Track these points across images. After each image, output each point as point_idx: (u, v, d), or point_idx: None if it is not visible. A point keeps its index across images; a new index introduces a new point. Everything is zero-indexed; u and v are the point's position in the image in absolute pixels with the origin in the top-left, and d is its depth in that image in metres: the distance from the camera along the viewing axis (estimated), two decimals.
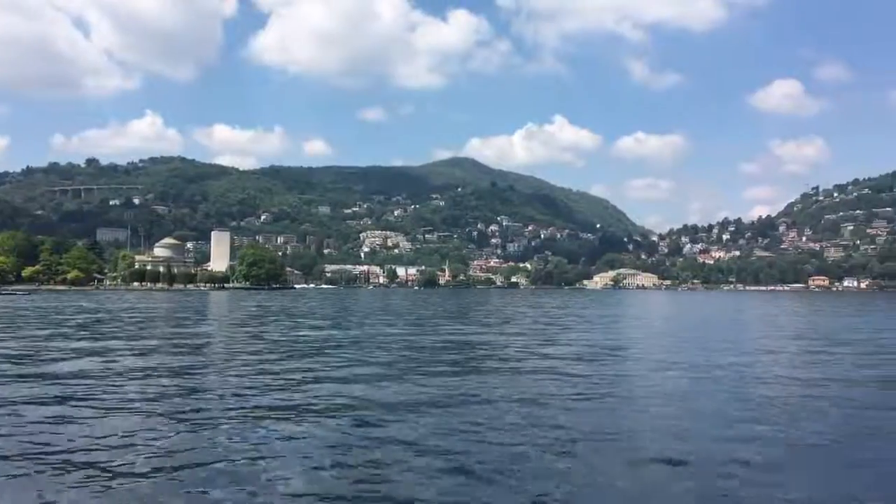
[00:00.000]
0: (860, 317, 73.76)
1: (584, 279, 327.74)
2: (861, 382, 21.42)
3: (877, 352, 32.68)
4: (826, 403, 17.46)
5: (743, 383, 21.31)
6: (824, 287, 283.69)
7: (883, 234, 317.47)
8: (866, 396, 18.72)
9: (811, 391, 19.56)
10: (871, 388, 20.71)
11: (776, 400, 18.30)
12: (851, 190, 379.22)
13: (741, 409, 16.56)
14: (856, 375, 23.01)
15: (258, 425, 13.48)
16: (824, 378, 22.59)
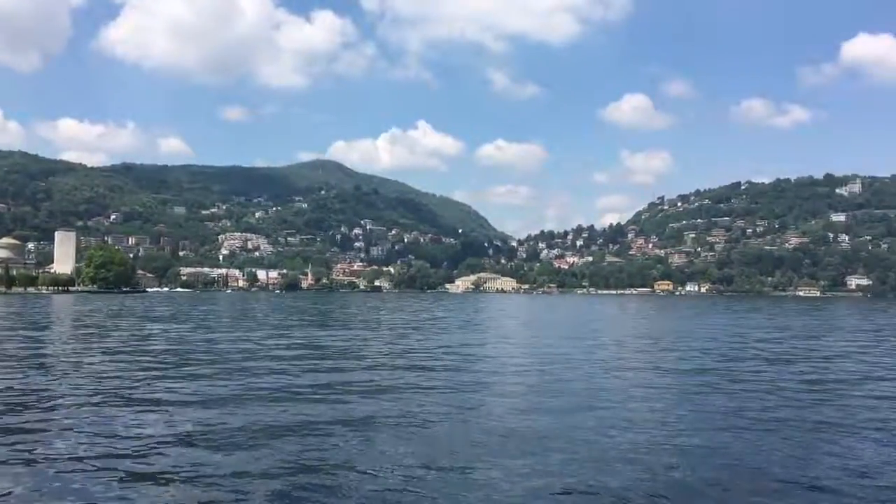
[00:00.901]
0: (696, 318, 79.60)
1: (447, 283, 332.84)
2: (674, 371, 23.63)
3: (693, 348, 35.95)
4: (654, 391, 19.36)
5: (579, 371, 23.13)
6: (668, 291, 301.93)
7: (721, 242, 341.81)
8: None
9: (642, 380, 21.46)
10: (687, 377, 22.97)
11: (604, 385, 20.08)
12: (694, 200, 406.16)
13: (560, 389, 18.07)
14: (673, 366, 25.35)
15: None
16: (654, 369, 24.88)
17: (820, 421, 16.50)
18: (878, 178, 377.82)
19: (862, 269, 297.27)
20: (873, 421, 16.47)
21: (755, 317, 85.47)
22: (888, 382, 24.13)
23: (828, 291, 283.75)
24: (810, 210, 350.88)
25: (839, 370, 28.47)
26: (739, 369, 27.54)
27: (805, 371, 27.93)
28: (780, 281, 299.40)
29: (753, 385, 22.48)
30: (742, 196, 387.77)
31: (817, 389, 22.16)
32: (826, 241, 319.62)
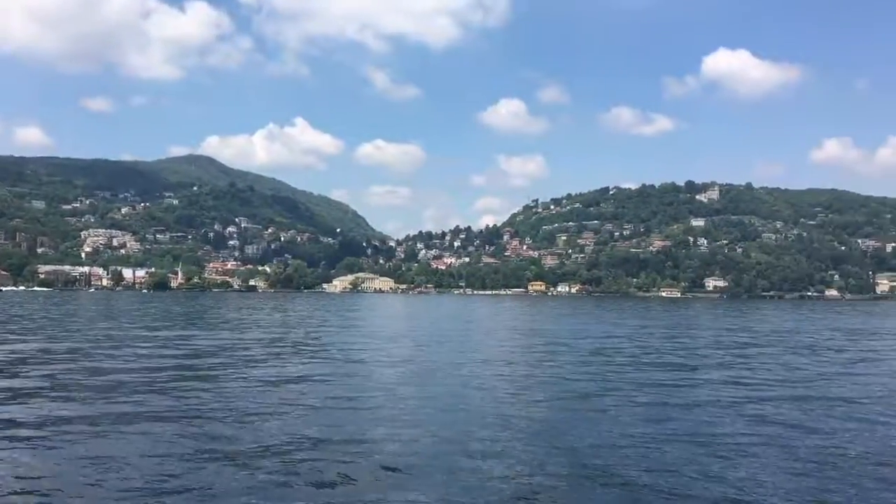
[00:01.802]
0: (568, 318, 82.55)
1: (325, 283, 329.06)
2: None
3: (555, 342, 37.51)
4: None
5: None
6: (541, 291, 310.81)
7: (590, 245, 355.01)
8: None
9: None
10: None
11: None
12: (566, 204, 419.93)
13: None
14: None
15: None
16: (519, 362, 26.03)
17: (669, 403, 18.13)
18: (734, 186, 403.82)
19: (719, 271, 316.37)
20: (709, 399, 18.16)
21: (610, 314, 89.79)
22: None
23: (688, 292, 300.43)
24: (673, 215, 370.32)
25: (702, 364, 30.86)
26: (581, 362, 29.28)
27: (675, 363, 30.01)
28: (644, 282, 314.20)
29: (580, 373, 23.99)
30: (610, 201, 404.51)
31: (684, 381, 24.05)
32: (686, 244, 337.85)
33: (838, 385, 26.94)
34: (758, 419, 19.32)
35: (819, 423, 18.96)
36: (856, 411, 20.93)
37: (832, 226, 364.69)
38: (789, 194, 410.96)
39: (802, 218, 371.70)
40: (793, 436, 17.19)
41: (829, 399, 23.25)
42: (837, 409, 21.11)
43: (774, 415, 20.00)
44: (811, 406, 21.69)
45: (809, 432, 17.60)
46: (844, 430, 18.06)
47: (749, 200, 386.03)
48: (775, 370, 31.93)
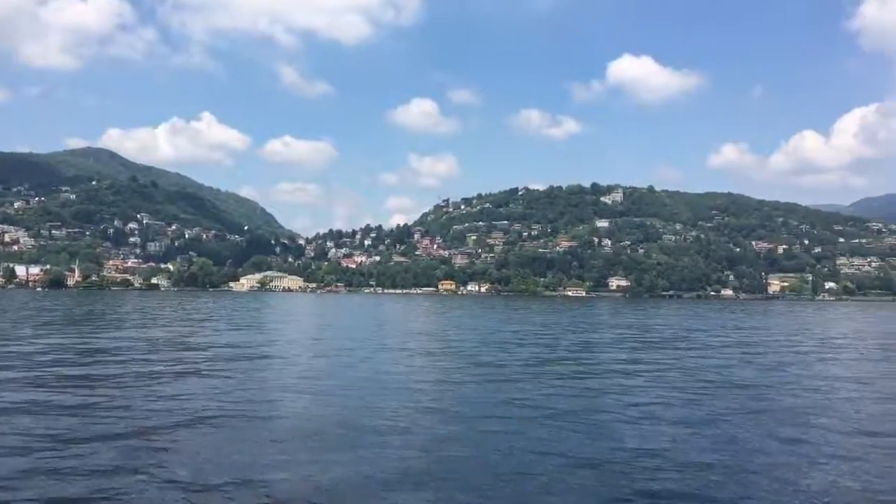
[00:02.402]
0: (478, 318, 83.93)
1: (231, 281, 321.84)
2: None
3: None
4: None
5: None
6: (451, 290, 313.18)
7: (500, 245, 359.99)
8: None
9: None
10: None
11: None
12: (476, 204, 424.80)
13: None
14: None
15: None
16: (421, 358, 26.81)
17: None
18: (637, 189, 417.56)
19: (622, 271, 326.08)
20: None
21: (518, 314, 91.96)
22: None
23: (592, 291, 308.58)
24: (578, 216, 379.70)
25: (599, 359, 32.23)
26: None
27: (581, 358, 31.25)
28: (551, 281, 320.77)
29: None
30: (519, 201, 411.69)
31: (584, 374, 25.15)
32: (592, 245, 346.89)
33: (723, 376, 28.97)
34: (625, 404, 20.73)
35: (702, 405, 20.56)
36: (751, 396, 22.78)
37: (728, 228, 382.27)
38: (689, 197, 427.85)
39: (701, 220, 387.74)
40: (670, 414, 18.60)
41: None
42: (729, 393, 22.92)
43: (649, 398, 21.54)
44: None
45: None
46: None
47: (651, 203, 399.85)
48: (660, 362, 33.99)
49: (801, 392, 26.41)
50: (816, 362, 38.64)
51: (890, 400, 25.22)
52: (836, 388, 27.77)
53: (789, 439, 17.77)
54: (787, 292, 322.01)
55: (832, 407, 23.39)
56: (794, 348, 48.25)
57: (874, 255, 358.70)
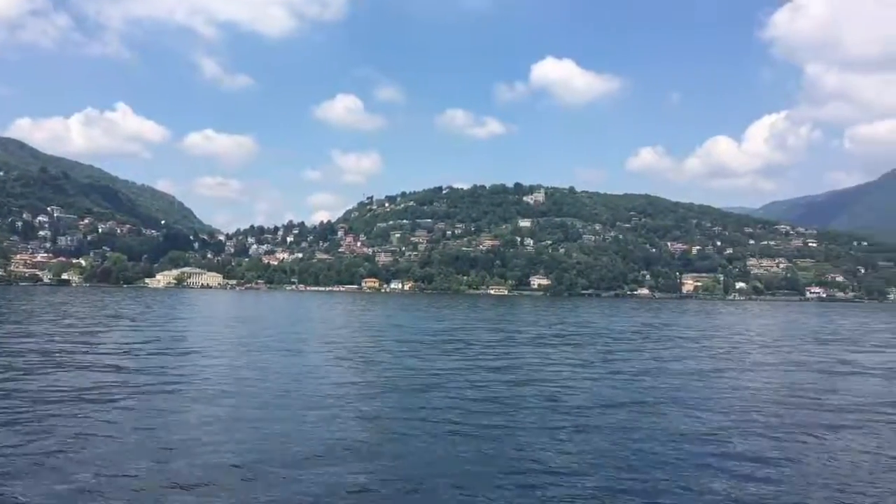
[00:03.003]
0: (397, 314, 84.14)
1: (147, 277, 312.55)
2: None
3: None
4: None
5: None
6: (375, 288, 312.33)
7: (423, 243, 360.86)
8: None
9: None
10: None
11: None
12: (400, 202, 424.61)
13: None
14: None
15: None
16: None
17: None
18: (558, 189, 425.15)
19: (543, 270, 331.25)
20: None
21: (444, 311, 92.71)
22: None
23: (514, 290, 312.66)
24: (502, 216, 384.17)
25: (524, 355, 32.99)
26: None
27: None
28: (474, 280, 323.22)
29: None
30: (443, 200, 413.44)
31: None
32: (514, 244, 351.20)
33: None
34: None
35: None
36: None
37: (645, 229, 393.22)
38: (608, 198, 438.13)
39: (619, 221, 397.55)
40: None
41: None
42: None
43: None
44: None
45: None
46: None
47: (572, 203, 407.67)
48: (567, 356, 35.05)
49: (696, 381, 27.80)
50: (708, 357, 40.52)
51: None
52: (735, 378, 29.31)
53: (663, 426, 18.80)
54: (700, 292, 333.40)
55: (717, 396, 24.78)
56: (700, 343, 50.35)
57: (782, 257, 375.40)
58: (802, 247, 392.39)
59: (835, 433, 19.18)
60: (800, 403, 24.13)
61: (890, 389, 28.58)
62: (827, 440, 18.35)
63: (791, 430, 19.45)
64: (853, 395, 26.58)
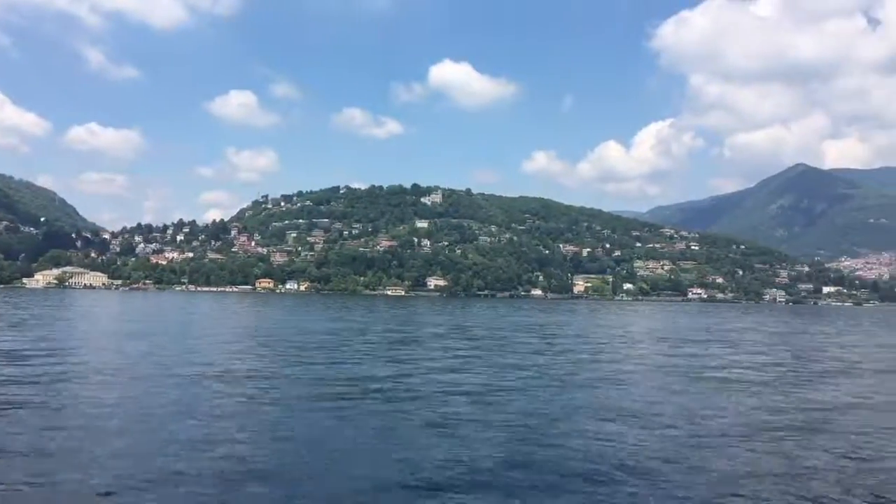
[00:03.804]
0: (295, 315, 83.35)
1: (25, 277, 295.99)
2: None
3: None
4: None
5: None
6: (269, 289, 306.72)
7: (320, 243, 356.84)
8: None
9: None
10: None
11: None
12: (296, 201, 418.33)
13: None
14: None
15: None
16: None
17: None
18: (455, 191, 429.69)
19: (440, 270, 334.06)
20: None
21: (341, 312, 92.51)
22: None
23: (411, 291, 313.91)
24: (399, 216, 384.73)
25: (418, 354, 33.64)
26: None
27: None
28: (371, 280, 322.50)
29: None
30: (341, 199, 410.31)
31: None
32: (411, 245, 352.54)
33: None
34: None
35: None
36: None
37: (539, 231, 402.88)
38: (503, 201, 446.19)
39: (514, 223, 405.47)
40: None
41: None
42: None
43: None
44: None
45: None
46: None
47: (468, 205, 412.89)
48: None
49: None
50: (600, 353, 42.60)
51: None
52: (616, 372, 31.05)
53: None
54: (590, 292, 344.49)
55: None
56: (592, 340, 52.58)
57: (666, 259, 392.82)
58: (685, 249, 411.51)
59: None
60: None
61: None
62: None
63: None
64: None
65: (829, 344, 62.53)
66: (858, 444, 18.86)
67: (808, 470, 16.09)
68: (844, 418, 22.86)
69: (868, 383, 32.94)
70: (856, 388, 30.86)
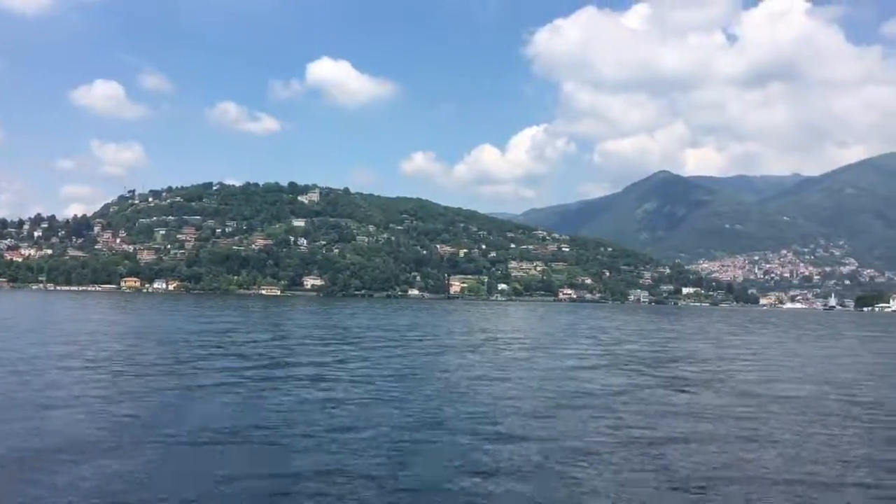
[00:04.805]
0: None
1: None
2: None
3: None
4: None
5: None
6: (136, 288, 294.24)
7: (191, 241, 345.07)
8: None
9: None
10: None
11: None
12: (166, 197, 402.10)
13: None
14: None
15: None
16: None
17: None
18: (333, 190, 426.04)
19: (317, 270, 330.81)
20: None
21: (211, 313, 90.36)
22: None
23: (287, 290, 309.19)
24: (275, 214, 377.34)
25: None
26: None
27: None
28: (245, 280, 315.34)
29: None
30: (214, 196, 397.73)
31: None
32: (288, 244, 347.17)
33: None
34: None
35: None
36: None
37: (416, 232, 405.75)
38: (382, 201, 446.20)
39: (392, 223, 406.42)
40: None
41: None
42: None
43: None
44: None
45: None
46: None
47: (346, 204, 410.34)
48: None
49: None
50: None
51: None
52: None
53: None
54: (466, 293, 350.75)
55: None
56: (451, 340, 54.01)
57: (539, 260, 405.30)
58: (557, 251, 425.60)
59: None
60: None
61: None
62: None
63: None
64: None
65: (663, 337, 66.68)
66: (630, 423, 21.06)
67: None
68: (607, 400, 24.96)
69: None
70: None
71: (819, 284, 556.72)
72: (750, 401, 26.72)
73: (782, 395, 28.80)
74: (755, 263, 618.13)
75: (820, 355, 52.72)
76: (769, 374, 37.36)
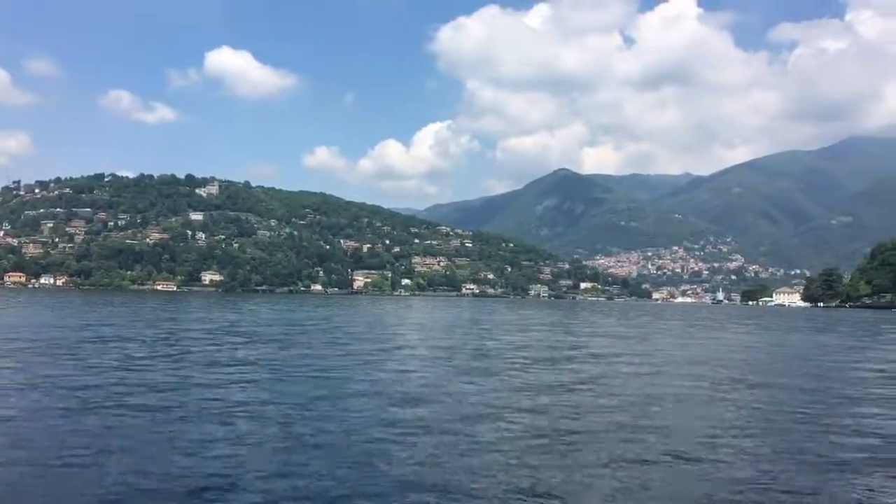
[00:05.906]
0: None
1: None
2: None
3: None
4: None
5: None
6: (21, 283, 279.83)
7: (81, 234, 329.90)
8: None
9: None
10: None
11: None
12: (54, 188, 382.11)
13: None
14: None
15: None
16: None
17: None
18: (233, 183, 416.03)
19: (216, 265, 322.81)
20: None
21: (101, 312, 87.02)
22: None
23: (184, 286, 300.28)
24: (172, 208, 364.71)
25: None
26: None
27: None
28: (139, 275, 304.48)
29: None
30: (105, 188, 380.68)
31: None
32: (185, 238, 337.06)
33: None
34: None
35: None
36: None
37: (319, 226, 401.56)
38: (283, 194, 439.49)
39: (294, 218, 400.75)
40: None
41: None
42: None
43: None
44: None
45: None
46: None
47: (247, 198, 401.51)
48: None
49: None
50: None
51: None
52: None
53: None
54: (369, 288, 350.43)
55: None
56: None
57: (442, 256, 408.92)
58: (460, 247, 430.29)
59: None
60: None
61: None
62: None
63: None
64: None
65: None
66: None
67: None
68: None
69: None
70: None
71: (708, 279, 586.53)
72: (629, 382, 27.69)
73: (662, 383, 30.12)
74: (649, 259, 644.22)
75: (708, 345, 55.46)
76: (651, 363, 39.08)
